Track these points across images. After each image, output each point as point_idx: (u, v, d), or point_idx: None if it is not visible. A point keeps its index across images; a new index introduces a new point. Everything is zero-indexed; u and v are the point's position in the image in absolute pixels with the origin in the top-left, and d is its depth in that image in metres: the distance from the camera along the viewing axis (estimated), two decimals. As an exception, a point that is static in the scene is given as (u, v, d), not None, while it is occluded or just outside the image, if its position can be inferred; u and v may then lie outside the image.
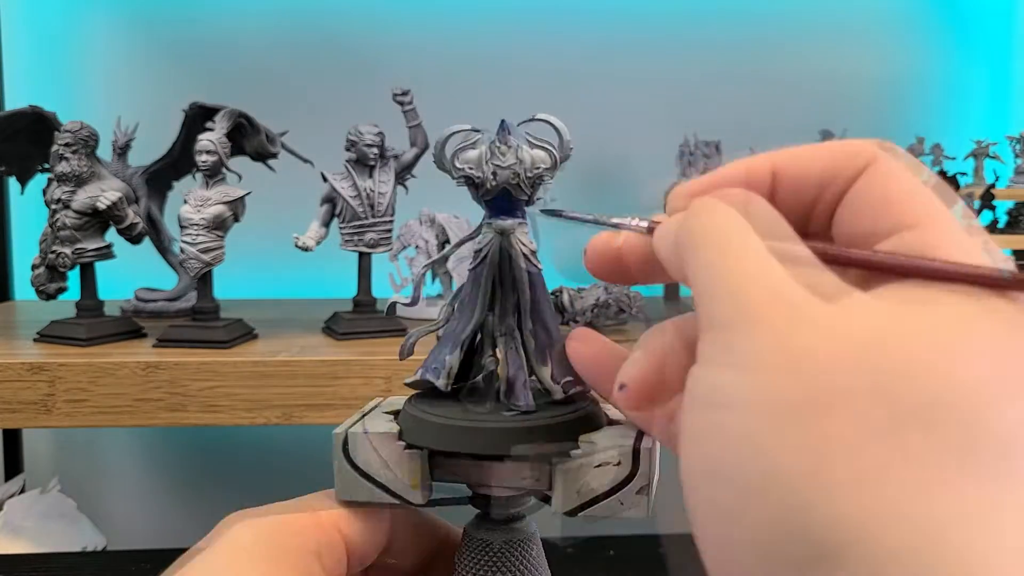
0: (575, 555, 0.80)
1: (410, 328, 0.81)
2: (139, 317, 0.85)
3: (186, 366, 0.67)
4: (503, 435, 0.27)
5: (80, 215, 0.74)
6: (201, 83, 1.06)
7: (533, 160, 0.29)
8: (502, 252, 0.29)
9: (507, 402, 0.29)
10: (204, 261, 0.72)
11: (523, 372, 0.29)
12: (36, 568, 0.82)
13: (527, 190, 0.29)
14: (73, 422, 0.66)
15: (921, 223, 0.20)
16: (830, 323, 0.17)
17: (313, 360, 0.67)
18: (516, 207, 0.29)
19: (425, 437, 0.28)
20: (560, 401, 0.29)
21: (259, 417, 0.67)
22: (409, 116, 0.80)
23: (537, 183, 0.29)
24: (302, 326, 0.82)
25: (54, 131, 0.75)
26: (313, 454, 1.17)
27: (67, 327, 0.73)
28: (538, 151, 0.29)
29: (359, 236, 0.78)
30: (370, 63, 1.09)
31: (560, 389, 0.29)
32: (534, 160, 0.29)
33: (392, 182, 0.79)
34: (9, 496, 0.94)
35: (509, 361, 0.30)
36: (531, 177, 0.29)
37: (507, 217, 0.29)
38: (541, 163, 0.29)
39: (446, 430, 0.28)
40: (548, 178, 0.29)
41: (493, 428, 0.27)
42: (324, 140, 0.85)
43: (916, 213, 0.20)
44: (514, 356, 0.30)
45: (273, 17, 1.10)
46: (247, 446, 1.12)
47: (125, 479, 1.13)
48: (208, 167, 0.72)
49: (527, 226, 0.30)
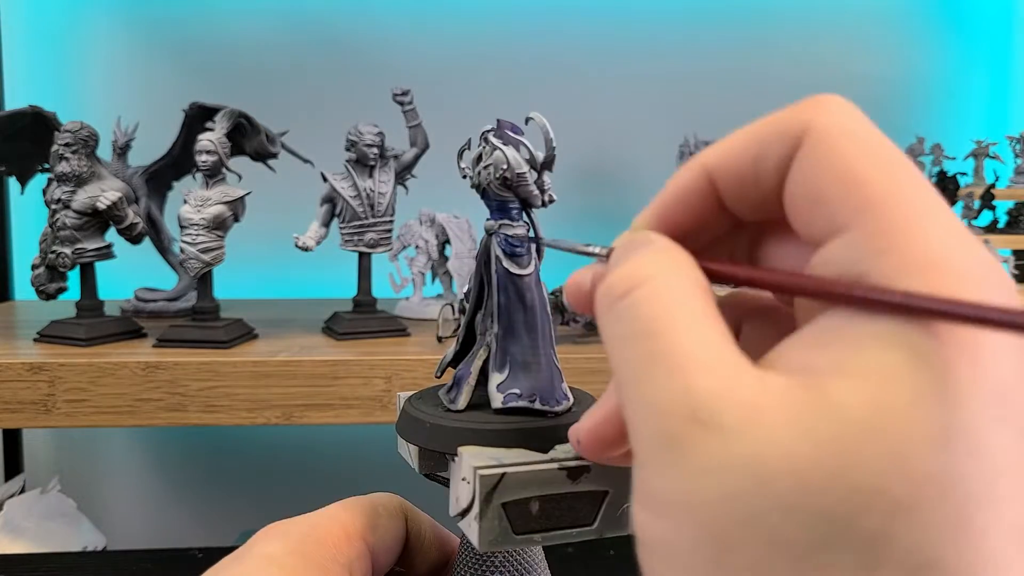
0: (575, 555, 0.80)
1: (410, 328, 0.81)
2: (139, 317, 0.85)
3: (186, 366, 0.67)
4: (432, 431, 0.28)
5: (80, 215, 0.74)
6: (201, 83, 1.07)
7: (511, 160, 0.28)
8: (488, 252, 0.30)
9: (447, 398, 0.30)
10: (204, 261, 0.72)
11: (470, 374, 0.29)
12: (36, 568, 0.82)
13: (498, 190, 0.29)
14: (73, 422, 0.66)
15: (855, 223, 0.16)
16: (716, 455, 0.16)
17: (313, 360, 0.68)
18: (508, 207, 0.29)
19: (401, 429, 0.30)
20: (505, 410, 0.28)
21: (259, 417, 0.67)
22: (409, 116, 0.80)
23: (514, 183, 0.29)
24: (302, 326, 0.83)
25: (54, 131, 0.75)
26: (313, 454, 1.18)
27: (67, 327, 0.73)
28: (511, 150, 0.29)
29: (359, 236, 0.78)
30: (370, 63, 1.09)
31: (500, 399, 0.29)
32: (511, 160, 0.28)
33: (392, 182, 0.79)
34: (9, 496, 0.94)
35: (464, 360, 0.30)
36: (506, 177, 0.28)
37: (494, 217, 0.29)
38: (514, 163, 0.28)
39: (407, 422, 0.29)
40: (524, 179, 0.29)
41: (432, 424, 0.28)
42: (324, 140, 0.85)
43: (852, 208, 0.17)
44: (471, 357, 0.30)
45: (273, 17, 1.10)
46: (247, 446, 1.12)
47: (125, 479, 1.13)
48: (208, 167, 0.72)
49: (518, 226, 0.29)
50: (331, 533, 0.27)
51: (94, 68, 1.10)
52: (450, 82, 1.09)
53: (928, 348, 0.15)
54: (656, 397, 0.17)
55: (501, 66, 1.11)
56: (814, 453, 0.15)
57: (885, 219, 0.16)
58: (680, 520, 0.16)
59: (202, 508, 1.12)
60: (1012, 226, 0.92)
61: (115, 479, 1.13)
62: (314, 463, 1.10)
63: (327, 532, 0.26)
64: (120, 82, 1.09)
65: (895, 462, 0.14)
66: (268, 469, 1.11)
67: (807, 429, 0.15)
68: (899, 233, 0.16)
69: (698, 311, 0.18)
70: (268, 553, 0.25)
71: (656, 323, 0.18)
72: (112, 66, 1.10)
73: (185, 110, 0.85)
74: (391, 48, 1.10)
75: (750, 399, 0.16)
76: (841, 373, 0.15)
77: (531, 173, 0.29)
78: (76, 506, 0.96)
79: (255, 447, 1.12)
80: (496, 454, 0.26)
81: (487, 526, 0.25)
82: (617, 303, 0.19)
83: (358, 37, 1.11)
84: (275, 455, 1.11)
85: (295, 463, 1.10)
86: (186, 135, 0.85)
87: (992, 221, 0.92)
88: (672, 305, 0.18)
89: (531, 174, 0.29)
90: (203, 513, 1.12)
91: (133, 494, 1.13)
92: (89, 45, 1.10)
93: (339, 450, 1.09)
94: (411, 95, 0.80)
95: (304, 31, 1.10)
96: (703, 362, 0.17)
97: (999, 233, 0.90)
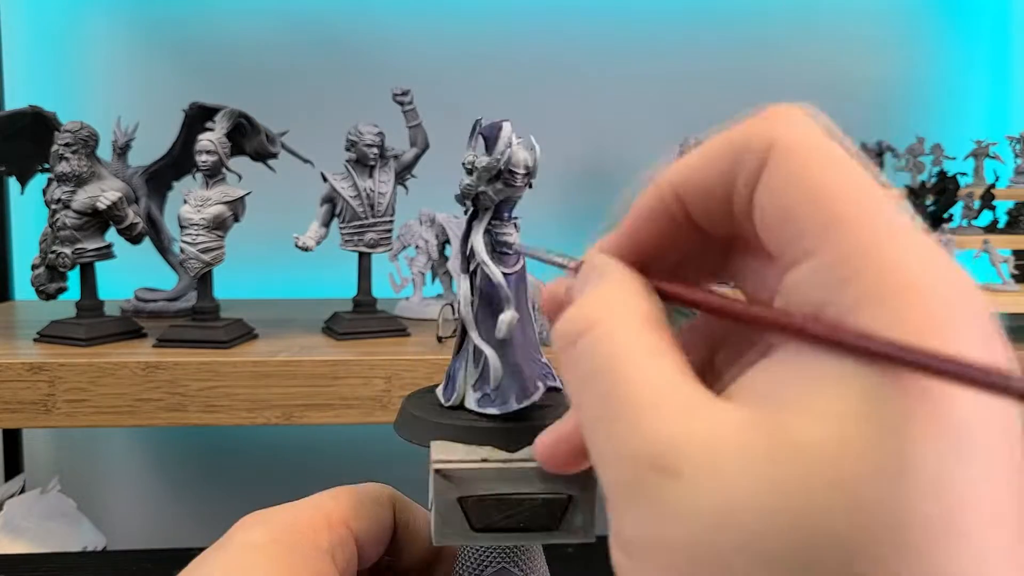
0: (575, 555, 0.80)
1: (410, 328, 0.81)
2: (139, 317, 0.85)
3: (186, 366, 0.67)
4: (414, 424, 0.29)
5: (80, 215, 0.74)
6: (201, 83, 1.07)
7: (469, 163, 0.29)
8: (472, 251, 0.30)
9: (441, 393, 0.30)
10: (204, 261, 0.72)
11: (462, 371, 0.30)
12: (36, 568, 0.82)
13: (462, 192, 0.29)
14: (73, 422, 0.66)
15: (821, 246, 0.16)
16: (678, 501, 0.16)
17: (313, 360, 0.67)
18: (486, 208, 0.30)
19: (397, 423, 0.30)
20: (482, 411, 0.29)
21: (259, 417, 0.67)
22: (409, 116, 0.80)
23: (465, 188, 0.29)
24: (302, 326, 0.82)
25: (54, 131, 0.75)
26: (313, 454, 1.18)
27: (67, 327, 0.73)
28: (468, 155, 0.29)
29: (359, 236, 0.78)
30: (370, 63, 1.09)
31: (476, 400, 0.29)
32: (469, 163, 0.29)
33: (392, 182, 0.79)
34: (9, 496, 0.94)
35: (457, 356, 0.31)
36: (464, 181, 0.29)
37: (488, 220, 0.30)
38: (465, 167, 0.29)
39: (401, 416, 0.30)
40: (469, 183, 0.29)
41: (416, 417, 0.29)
42: (324, 140, 0.85)
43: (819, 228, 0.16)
44: (463, 352, 0.30)
45: (273, 17, 1.10)
46: (247, 446, 1.12)
47: (125, 479, 1.13)
48: (208, 167, 0.72)
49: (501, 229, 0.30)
50: (313, 520, 0.27)
51: (94, 68, 1.10)
52: (450, 82, 1.09)
53: (886, 387, 0.15)
54: (615, 444, 0.17)
55: (501, 66, 1.11)
56: (769, 495, 0.15)
57: (851, 242, 0.16)
58: (647, 562, 0.16)
59: (202, 508, 1.12)
60: (1012, 226, 0.92)
61: (115, 479, 1.13)
62: (314, 463, 1.10)
63: (309, 519, 0.27)
64: (120, 82, 1.09)
65: (849, 503, 0.14)
66: (268, 469, 1.11)
67: (763, 470, 0.15)
68: (865, 257, 0.15)
69: (648, 351, 0.18)
70: (249, 541, 0.25)
71: (606, 368, 0.18)
72: (112, 66, 1.10)
73: (185, 110, 0.85)
74: (391, 48, 1.10)
75: (707, 440, 0.16)
76: (799, 410, 0.15)
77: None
78: (76, 506, 0.96)
79: (255, 447, 1.12)
80: (463, 450, 0.27)
81: (441, 519, 0.26)
82: (569, 349, 0.19)
83: (358, 37, 1.11)
84: (275, 455, 1.11)
85: (295, 463, 1.10)
86: (186, 135, 0.85)
87: (992, 221, 0.91)
88: (620, 348, 0.18)
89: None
90: (203, 513, 1.12)
91: (133, 494, 1.13)
92: (89, 45, 1.10)
93: (339, 450, 1.09)
94: (411, 95, 0.80)
95: (304, 31, 1.10)
96: (658, 404, 0.17)
97: (999, 233, 0.90)
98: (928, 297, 0.15)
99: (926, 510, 0.14)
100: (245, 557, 0.25)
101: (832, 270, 0.16)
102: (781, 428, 0.15)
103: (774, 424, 0.15)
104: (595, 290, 0.20)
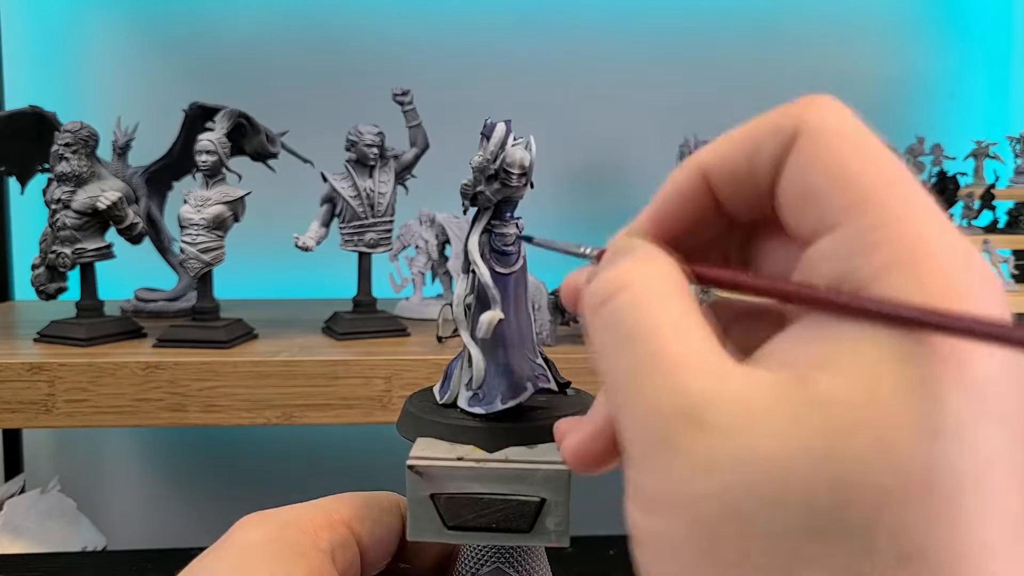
0: (575, 555, 0.80)
1: (410, 328, 0.81)
2: (139, 317, 0.85)
3: (186, 366, 0.67)
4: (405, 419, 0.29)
5: (80, 215, 0.74)
6: (201, 83, 1.06)
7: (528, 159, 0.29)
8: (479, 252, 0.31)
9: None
10: (204, 261, 0.72)
11: (458, 369, 0.30)
12: (36, 568, 0.82)
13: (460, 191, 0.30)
14: (73, 422, 0.66)
15: (846, 219, 0.17)
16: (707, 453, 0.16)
17: (313, 360, 0.68)
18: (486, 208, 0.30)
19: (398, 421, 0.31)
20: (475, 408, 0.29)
21: (259, 417, 0.67)
22: (409, 116, 0.80)
23: (463, 188, 0.29)
24: (302, 326, 0.83)
25: (54, 131, 0.75)
26: (313, 454, 1.18)
27: (67, 327, 0.73)
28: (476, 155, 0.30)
29: (359, 236, 0.78)
30: (370, 63, 1.09)
31: (467, 399, 0.29)
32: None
33: (392, 182, 0.79)
34: (9, 496, 0.94)
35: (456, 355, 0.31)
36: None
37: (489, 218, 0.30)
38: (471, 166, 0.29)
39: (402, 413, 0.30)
40: (467, 182, 0.29)
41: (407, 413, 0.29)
42: (324, 140, 0.85)
43: (843, 204, 0.17)
44: (461, 352, 0.30)
45: (273, 17, 1.10)
46: (247, 446, 1.12)
47: (125, 479, 1.13)
48: (208, 167, 0.72)
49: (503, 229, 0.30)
50: (313, 519, 0.27)
51: (94, 68, 1.10)
52: (450, 82, 1.09)
53: (912, 345, 0.15)
54: (646, 399, 0.17)
55: (501, 66, 1.11)
56: (801, 446, 0.15)
57: (876, 214, 0.16)
58: (671, 516, 0.16)
59: (202, 508, 1.12)
60: (1012, 226, 0.92)
61: (115, 479, 1.13)
62: (314, 463, 1.10)
63: (308, 519, 0.27)
64: (120, 82, 1.10)
65: (881, 453, 0.15)
66: (268, 469, 1.11)
67: (794, 423, 0.15)
68: (890, 228, 0.16)
69: (680, 313, 0.18)
70: (249, 540, 0.25)
71: (640, 327, 0.18)
72: (112, 66, 1.10)
73: (185, 110, 0.85)
74: (391, 48, 1.10)
75: (739, 396, 0.16)
76: (827, 368, 0.16)
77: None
78: (76, 506, 0.96)
79: (255, 447, 1.12)
80: (444, 447, 0.27)
81: (414, 515, 0.26)
82: (600, 309, 0.19)
83: (358, 37, 1.11)
84: (275, 455, 1.11)
85: (295, 463, 1.11)
86: (186, 135, 0.85)
87: (992, 221, 0.91)
88: (654, 309, 0.18)
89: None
90: (203, 513, 1.12)
91: (133, 494, 1.13)
92: (89, 45, 1.10)
93: (339, 450, 1.09)
94: (411, 95, 0.80)
95: (304, 31, 1.10)
96: (690, 362, 0.17)
97: (999, 233, 0.90)
98: (949, 265, 0.16)
99: (957, 464, 0.15)
100: (245, 557, 0.25)
101: (857, 239, 0.17)
102: (812, 385, 0.16)
103: (805, 382, 0.16)
104: (627, 258, 0.20)
